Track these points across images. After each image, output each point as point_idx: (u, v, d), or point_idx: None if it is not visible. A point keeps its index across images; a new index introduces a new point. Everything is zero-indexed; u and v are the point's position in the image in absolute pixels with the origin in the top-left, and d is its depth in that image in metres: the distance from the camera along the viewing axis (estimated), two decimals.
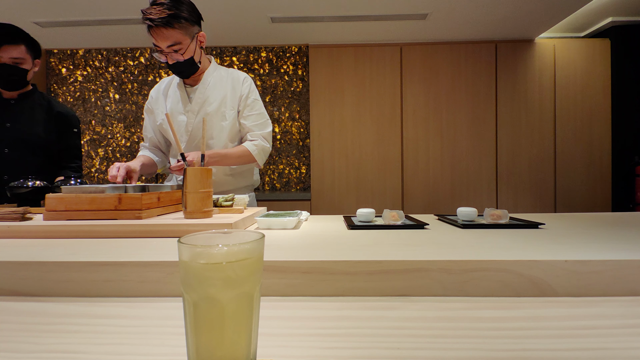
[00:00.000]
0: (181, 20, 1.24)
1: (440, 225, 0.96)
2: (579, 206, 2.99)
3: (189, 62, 1.32)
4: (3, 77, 1.51)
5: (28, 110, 1.58)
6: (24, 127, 1.57)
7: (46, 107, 1.63)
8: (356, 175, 3.02)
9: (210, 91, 1.42)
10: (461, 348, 0.41)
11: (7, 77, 1.51)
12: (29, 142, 1.57)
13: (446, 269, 0.55)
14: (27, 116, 1.58)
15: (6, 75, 1.51)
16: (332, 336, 0.44)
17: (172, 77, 1.49)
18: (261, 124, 1.45)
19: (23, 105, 1.58)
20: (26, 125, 1.57)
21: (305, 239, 0.77)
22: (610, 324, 0.46)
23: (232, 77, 1.46)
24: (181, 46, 1.27)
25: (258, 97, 1.48)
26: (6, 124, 1.55)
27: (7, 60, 1.49)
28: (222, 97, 1.42)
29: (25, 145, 1.56)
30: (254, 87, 1.48)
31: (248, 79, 1.47)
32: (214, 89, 1.42)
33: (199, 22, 1.34)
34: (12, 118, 1.56)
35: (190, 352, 0.32)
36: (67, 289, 0.57)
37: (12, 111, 1.57)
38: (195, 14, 1.31)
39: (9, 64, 1.49)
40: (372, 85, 3.00)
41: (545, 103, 2.99)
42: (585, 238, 0.73)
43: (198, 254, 0.32)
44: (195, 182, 0.88)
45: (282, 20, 2.67)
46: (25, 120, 1.57)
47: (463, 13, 2.56)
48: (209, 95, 1.41)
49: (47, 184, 1.20)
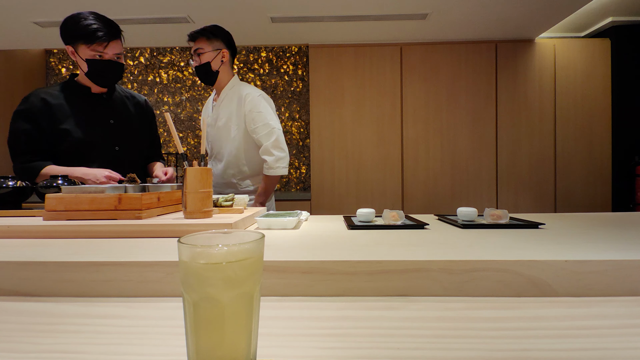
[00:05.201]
0: (209, 35, 1.59)
1: (440, 225, 0.96)
2: (579, 206, 2.99)
3: (204, 68, 1.60)
4: (110, 74, 1.37)
5: (121, 104, 1.48)
6: (125, 122, 1.46)
7: (130, 98, 1.53)
8: (356, 175, 3.02)
9: (222, 108, 1.65)
10: (461, 348, 0.41)
11: (112, 75, 1.38)
12: (133, 137, 1.48)
13: (446, 269, 0.55)
14: (124, 110, 1.48)
15: (111, 73, 1.37)
16: (332, 336, 0.44)
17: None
18: (266, 134, 1.59)
19: (115, 99, 1.47)
20: (127, 119, 1.47)
21: (305, 239, 0.77)
22: (610, 324, 0.46)
23: (239, 95, 1.62)
24: (202, 51, 1.58)
25: (261, 109, 1.60)
26: (110, 121, 1.42)
27: (112, 57, 1.34)
28: (229, 113, 1.63)
29: (131, 140, 1.47)
30: (256, 101, 1.60)
31: (250, 94, 1.61)
32: (225, 106, 1.64)
33: (228, 43, 1.64)
34: (113, 114, 1.44)
35: (190, 352, 0.32)
36: (67, 289, 0.57)
37: (110, 107, 1.45)
38: (225, 37, 1.63)
39: (114, 61, 1.35)
40: (372, 85, 3.00)
41: (545, 103, 2.99)
42: (585, 238, 0.73)
43: (198, 254, 0.32)
44: (195, 182, 0.88)
45: (282, 20, 2.67)
46: (125, 115, 1.47)
47: (463, 13, 2.56)
48: (220, 111, 1.65)
49: (28, 184, 1.08)
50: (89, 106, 1.40)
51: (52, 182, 1.11)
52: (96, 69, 1.34)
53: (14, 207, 1.06)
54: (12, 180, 1.05)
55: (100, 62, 1.33)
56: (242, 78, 3.36)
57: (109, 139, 1.41)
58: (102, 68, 1.34)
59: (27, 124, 1.31)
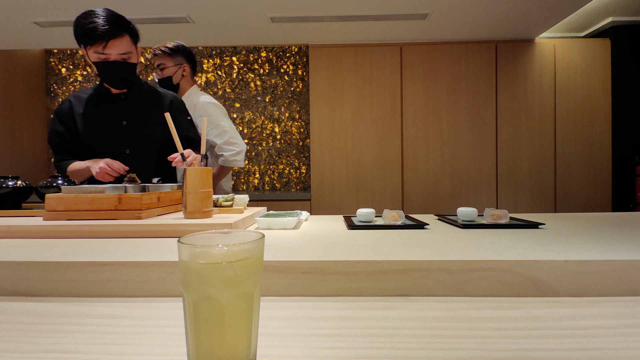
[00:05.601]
0: (170, 52, 1.86)
1: (440, 225, 0.96)
2: (579, 206, 2.98)
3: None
4: (115, 76, 1.34)
5: (140, 105, 1.43)
6: (140, 123, 1.41)
7: (155, 98, 1.47)
8: (356, 175, 3.02)
9: None
10: (461, 348, 0.41)
11: (120, 76, 1.34)
12: (147, 139, 1.41)
13: (446, 269, 0.55)
14: (141, 111, 1.42)
15: (118, 75, 1.34)
16: (332, 336, 0.44)
17: None
18: (219, 134, 1.83)
19: (134, 100, 1.42)
20: (142, 121, 1.41)
21: (305, 239, 0.77)
22: (610, 324, 0.46)
23: (193, 103, 1.84)
24: (164, 66, 1.86)
25: (211, 112, 1.83)
26: (122, 122, 1.39)
27: (117, 57, 1.29)
28: None
29: (145, 143, 1.41)
30: (206, 106, 1.83)
31: (200, 102, 1.83)
32: None
33: (188, 59, 1.90)
34: (127, 115, 1.40)
35: (190, 352, 0.32)
36: (67, 289, 0.57)
37: (125, 107, 1.40)
38: (186, 53, 1.88)
39: (119, 61, 1.30)
40: (372, 85, 3.00)
41: (545, 103, 2.99)
42: (585, 238, 0.73)
43: (198, 254, 0.32)
44: (195, 182, 0.88)
45: (282, 20, 2.67)
46: (141, 116, 1.42)
47: (463, 13, 2.56)
48: None
49: (29, 185, 1.08)
50: (105, 108, 1.40)
51: (52, 182, 1.11)
52: (102, 71, 1.31)
53: (14, 207, 1.06)
54: (12, 180, 1.06)
55: (105, 64, 1.28)
56: (242, 78, 3.36)
57: (119, 141, 1.38)
58: (108, 70, 1.30)
59: (58, 126, 1.40)
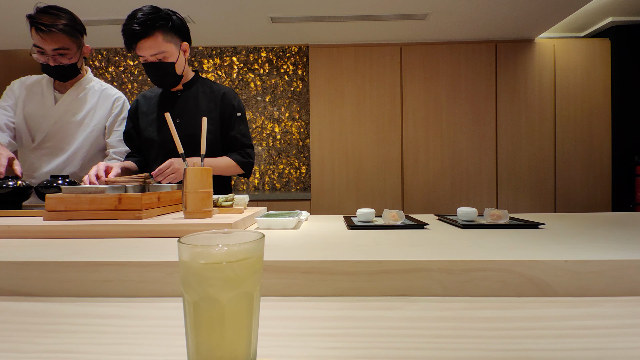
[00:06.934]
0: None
1: (440, 225, 0.96)
2: (579, 206, 2.99)
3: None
4: (155, 77, 1.32)
5: (193, 102, 1.41)
6: (191, 121, 1.38)
7: (209, 94, 1.43)
8: (356, 176, 3.02)
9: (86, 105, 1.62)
10: (461, 348, 0.41)
11: (160, 77, 1.31)
12: (197, 137, 1.37)
13: (446, 269, 0.55)
14: (193, 109, 1.40)
15: (157, 75, 1.31)
16: (332, 336, 0.44)
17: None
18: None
19: (189, 97, 1.41)
20: (193, 119, 1.38)
21: (305, 239, 0.77)
22: (610, 324, 0.46)
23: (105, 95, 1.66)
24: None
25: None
26: (176, 120, 1.37)
27: (152, 59, 1.25)
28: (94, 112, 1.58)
29: (195, 141, 1.37)
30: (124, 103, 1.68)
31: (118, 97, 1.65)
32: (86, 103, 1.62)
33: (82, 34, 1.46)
34: (180, 113, 1.39)
35: (190, 352, 0.32)
36: (67, 289, 0.57)
37: (179, 105, 1.40)
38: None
39: (154, 62, 1.26)
40: (372, 85, 3.00)
41: (545, 103, 2.99)
42: (585, 238, 0.73)
43: (198, 254, 0.32)
44: (195, 182, 0.88)
45: (282, 20, 2.67)
46: (192, 114, 1.39)
47: (463, 13, 2.56)
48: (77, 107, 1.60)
49: (29, 185, 1.07)
50: (162, 105, 1.42)
51: (52, 182, 1.11)
52: (146, 73, 1.34)
53: (14, 207, 1.06)
54: (12, 180, 1.05)
55: (145, 65, 1.30)
56: (242, 78, 3.36)
57: (171, 139, 1.34)
58: (148, 71, 1.32)
59: (129, 123, 1.46)
